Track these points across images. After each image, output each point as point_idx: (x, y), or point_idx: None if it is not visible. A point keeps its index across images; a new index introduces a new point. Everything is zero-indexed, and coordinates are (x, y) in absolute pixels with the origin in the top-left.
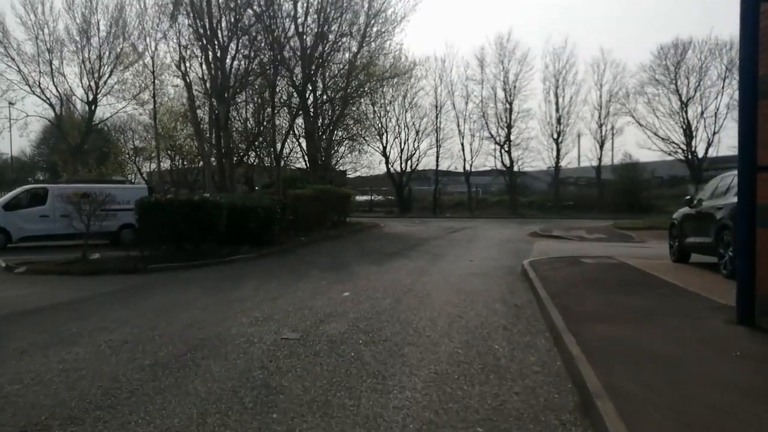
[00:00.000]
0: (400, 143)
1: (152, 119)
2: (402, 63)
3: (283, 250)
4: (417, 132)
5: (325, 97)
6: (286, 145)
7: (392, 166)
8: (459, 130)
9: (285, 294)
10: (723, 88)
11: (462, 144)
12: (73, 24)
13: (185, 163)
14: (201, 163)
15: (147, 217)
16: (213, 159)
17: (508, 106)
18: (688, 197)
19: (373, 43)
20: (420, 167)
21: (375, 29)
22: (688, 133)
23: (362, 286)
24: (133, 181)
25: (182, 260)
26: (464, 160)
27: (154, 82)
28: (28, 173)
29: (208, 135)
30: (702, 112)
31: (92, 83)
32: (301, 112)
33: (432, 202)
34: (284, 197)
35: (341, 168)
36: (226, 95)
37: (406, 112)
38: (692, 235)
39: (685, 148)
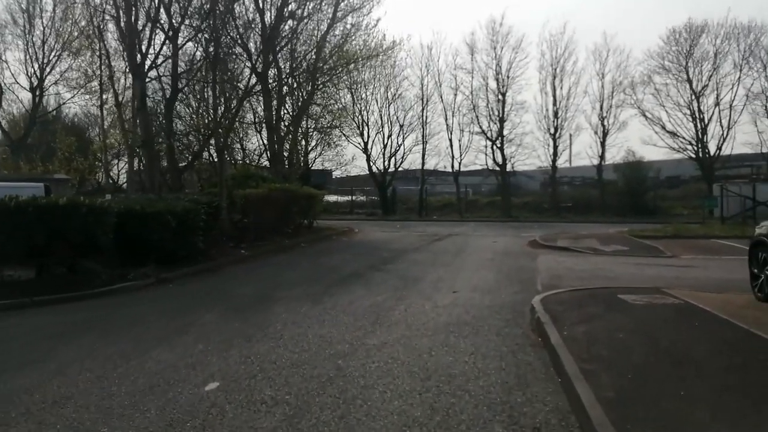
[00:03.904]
0: (383, 138)
1: (111, 111)
2: (381, 42)
3: (201, 271)
4: (401, 126)
5: (292, 81)
6: (252, 140)
7: (374, 164)
8: (447, 125)
9: (94, 387)
10: (739, 78)
11: (450, 140)
12: (15, 3)
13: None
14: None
15: None
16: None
17: (500, 97)
18: None
19: (348, 18)
20: (405, 165)
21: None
22: (700, 127)
23: (259, 358)
24: (99, 181)
25: (30, 292)
26: (452, 157)
27: (101, 66)
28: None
29: (130, 120)
30: (716, 104)
31: (36, 70)
32: (260, 97)
33: (418, 203)
34: (230, 198)
35: (318, 166)
36: (142, 70)
37: (389, 104)
38: None
39: (695, 143)
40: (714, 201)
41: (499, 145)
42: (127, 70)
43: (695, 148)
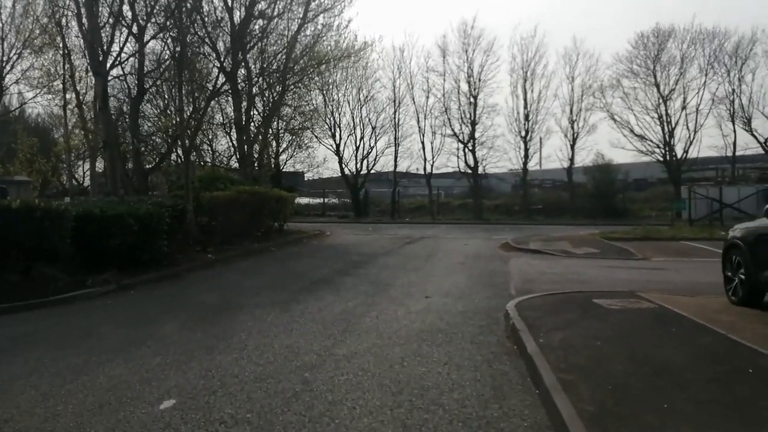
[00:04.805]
0: (355, 140)
1: (75, 112)
2: (353, 43)
3: (165, 277)
4: (373, 128)
5: (262, 81)
6: (221, 141)
7: (347, 166)
8: (419, 127)
9: (38, 407)
10: (705, 82)
11: (422, 142)
12: None
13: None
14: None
15: None
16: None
17: (472, 100)
18: None
19: (320, 18)
20: (378, 167)
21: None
22: (668, 130)
23: (220, 371)
24: (63, 183)
25: None
26: (425, 160)
27: (63, 65)
28: None
29: (93, 119)
30: (683, 108)
31: None
32: (229, 98)
33: (391, 205)
34: (197, 201)
35: (289, 168)
36: (104, 68)
37: (361, 106)
38: None
39: (662, 146)
40: (683, 203)
41: (470, 148)
42: (89, 68)
43: (663, 151)
